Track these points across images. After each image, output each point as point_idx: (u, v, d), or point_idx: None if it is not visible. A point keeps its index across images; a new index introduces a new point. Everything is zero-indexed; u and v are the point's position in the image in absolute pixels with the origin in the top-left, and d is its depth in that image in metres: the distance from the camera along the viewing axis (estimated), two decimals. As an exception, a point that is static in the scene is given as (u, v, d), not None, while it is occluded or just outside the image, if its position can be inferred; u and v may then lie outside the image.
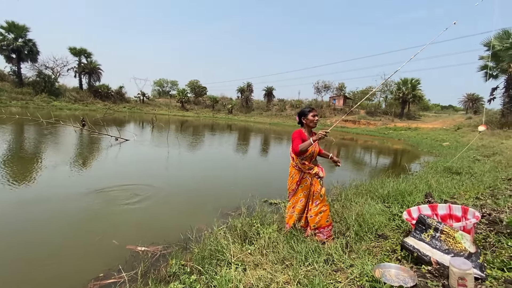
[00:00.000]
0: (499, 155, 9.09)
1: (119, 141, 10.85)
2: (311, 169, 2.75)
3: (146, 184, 5.48)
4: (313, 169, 2.75)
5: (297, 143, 2.65)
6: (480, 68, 20.52)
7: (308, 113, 2.80)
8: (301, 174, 2.77)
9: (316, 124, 2.82)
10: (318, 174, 2.75)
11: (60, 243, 3.03)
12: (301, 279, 1.92)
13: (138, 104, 42.10)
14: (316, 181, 2.75)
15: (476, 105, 35.23)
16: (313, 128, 2.85)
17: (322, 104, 40.62)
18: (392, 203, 3.82)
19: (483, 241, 2.38)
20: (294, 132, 2.79)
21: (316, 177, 2.75)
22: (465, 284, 1.66)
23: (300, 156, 2.72)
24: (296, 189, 2.80)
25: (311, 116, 2.78)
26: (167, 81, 67.53)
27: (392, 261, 2.19)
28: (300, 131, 2.80)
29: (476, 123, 21.95)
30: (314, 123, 2.80)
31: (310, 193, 2.77)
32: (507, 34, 17.86)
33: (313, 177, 2.75)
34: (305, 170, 2.74)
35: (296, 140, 2.68)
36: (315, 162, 2.85)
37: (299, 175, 2.77)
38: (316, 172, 2.75)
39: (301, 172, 2.76)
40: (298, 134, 2.74)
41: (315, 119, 2.78)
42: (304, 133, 2.79)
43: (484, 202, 3.60)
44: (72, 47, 36.56)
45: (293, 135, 2.75)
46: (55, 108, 28.64)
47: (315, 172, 2.74)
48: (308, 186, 2.75)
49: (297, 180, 2.78)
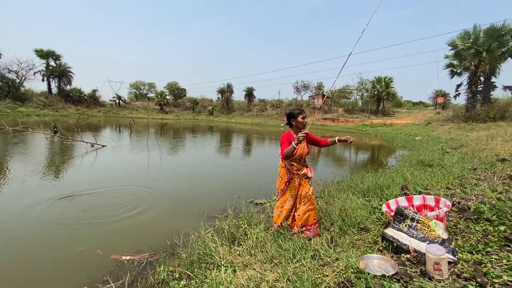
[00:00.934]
0: (465, 147, 9.79)
1: (95, 147, 10.39)
2: (300, 170, 2.82)
3: (127, 191, 5.31)
4: (302, 170, 2.83)
5: (284, 147, 2.73)
6: (445, 66, 21.95)
7: (298, 115, 2.86)
8: (290, 174, 2.83)
9: (305, 126, 2.90)
10: (306, 175, 2.84)
11: (37, 258, 2.87)
12: (290, 276, 1.98)
13: (114, 108, 40.49)
14: (305, 182, 2.83)
15: (444, 100, 37.54)
16: (302, 129, 2.93)
17: (302, 103, 41.38)
18: (372, 197, 4.00)
19: (454, 228, 2.58)
20: (282, 135, 2.84)
21: (305, 177, 2.83)
22: (440, 269, 1.80)
23: (288, 160, 2.79)
24: (285, 189, 2.86)
25: (301, 118, 2.85)
26: (144, 83, 65.57)
27: (374, 252, 2.31)
28: (289, 133, 2.87)
29: (444, 118, 23.44)
30: (303, 125, 2.89)
31: (298, 193, 2.84)
32: (468, 35, 19.26)
33: (302, 178, 2.83)
34: (294, 171, 2.81)
35: (284, 144, 2.76)
36: (304, 163, 2.93)
37: (288, 175, 2.84)
38: (304, 173, 2.83)
39: (290, 173, 2.83)
40: (286, 137, 2.80)
41: (304, 121, 2.87)
42: (292, 135, 2.87)
43: (453, 192, 3.88)
44: (39, 49, 34.50)
45: (281, 139, 2.81)
46: (22, 114, 26.81)
47: (304, 173, 2.82)
48: (296, 187, 2.83)
49: (286, 180, 2.85)
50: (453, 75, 21.67)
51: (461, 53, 19.80)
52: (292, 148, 2.65)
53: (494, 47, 18.23)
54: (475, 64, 18.90)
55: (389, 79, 34.22)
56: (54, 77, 36.08)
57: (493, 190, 3.58)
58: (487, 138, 10.21)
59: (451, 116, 22.31)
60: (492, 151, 7.47)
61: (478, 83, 19.96)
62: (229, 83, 45.52)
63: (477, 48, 18.65)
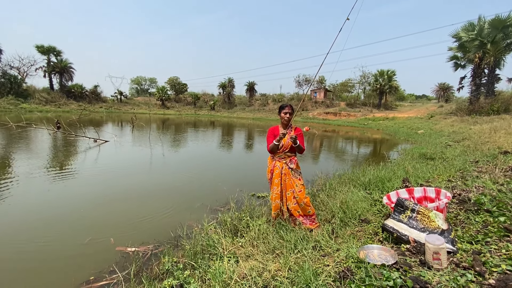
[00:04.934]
0: (467, 140, 9.74)
1: (98, 142, 10.47)
2: (282, 158, 2.94)
3: (130, 184, 5.38)
4: (284, 159, 2.94)
5: (269, 142, 2.94)
6: (449, 58, 21.65)
7: (281, 110, 2.98)
8: (273, 162, 2.98)
9: (287, 121, 2.95)
10: (288, 164, 2.93)
11: (44, 248, 2.93)
12: (291, 266, 2.02)
13: (116, 103, 40.52)
14: (287, 171, 2.92)
15: (447, 93, 37.18)
16: (286, 124, 2.98)
17: (303, 98, 41.15)
18: (373, 189, 4.03)
19: (454, 219, 2.60)
20: (268, 130, 3.01)
21: (286, 166, 2.92)
22: (439, 258, 1.83)
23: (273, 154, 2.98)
24: (271, 177, 2.98)
25: (283, 113, 2.95)
26: (145, 78, 65.49)
27: (375, 242, 2.35)
28: (275, 128, 3.02)
29: (447, 111, 23.26)
30: (285, 120, 2.94)
31: (282, 181, 2.92)
32: (472, 26, 18.94)
33: (284, 166, 2.92)
34: (275, 158, 2.97)
35: (269, 139, 2.96)
36: (290, 154, 2.98)
37: (272, 163, 2.99)
38: (285, 162, 2.93)
39: (273, 160, 2.99)
40: (271, 131, 2.99)
41: (286, 116, 2.93)
42: (279, 128, 3.00)
43: (455, 184, 3.89)
44: (40, 45, 34.34)
45: (267, 133, 3.00)
46: (24, 110, 26.91)
47: (285, 162, 2.93)
48: (279, 175, 2.92)
49: (271, 168, 2.98)
50: (457, 67, 21.39)
51: (465, 45, 19.51)
52: (274, 145, 2.85)
53: (499, 39, 17.92)
54: (479, 56, 18.63)
55: (392, 72, 33.86)
56: (55, 73, 36.04)
57: (494, 182, 3.58)
58: (490, 131, 10.14)
59: (454, 109, 22.11)
60: (494, 144, 7.43)
61: (482, 75, 19.71)
62: (230, 78, 45.30)
63: (482, 39, 18.35)
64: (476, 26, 18.67)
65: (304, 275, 1.79)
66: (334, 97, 42.19)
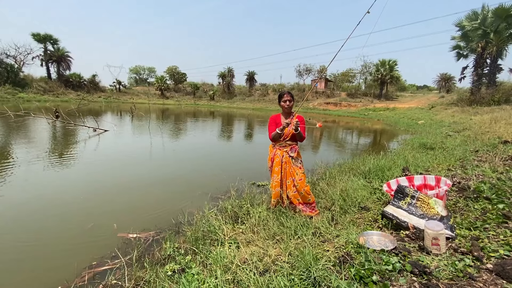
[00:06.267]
0: (468, 130, 9.73)
1: (98, 132, 10.43)
2: (282, 146, 2.94)
3: (131, 173, 5.40)
4: (285, 147, 2.93)
5: (271, 130, 2.92)
6: (452, 48, 21.36)
7: (280, 99, 2.94)
8: (274, 150, 2.98)
9: (288, 108, 2.92)
10: (288, 153, 2.92)
11: (46, 234, 2.96)
12: (292, 251, 2.05)
13: (115, 93, 40.23)
14: (288, 159, 2.91)
15: (449, 84, 36.87)
16: (288, 112, 2.94)
17: (304, 87, 40.82)
18: (373, 178, 4.05)
19: (454, 206, 2.63)
20: (270, 117, 2.98)
21: (287, 154, 2.92)
22: (438, 243, 1.85)
23: (274, 143, 2.97)
24: (272, 166, 2.99)
25: (282, 102, 2.91)
26: (143, 68, 64.87)
27: (374, 229, 2.37)
28: (277, 116, 2.98)
29: (448, 102, 23.14)
30: (286, 107, 2.90)
31: (283, 169, 2.92)
32: (475, 15, 18.60)
33: (284, 155, 2.92)
34: (276, 146, 2.97)
35: (271, 127, 2.93)
36: (291, 142, 2.97)
37: (273, 151, 2.98)
38: (286, 150, 2.93)
39: (274, 148, 2.98)
40: (273, 120, 2.95)
41: (286, 104, 2.89)
42: (280, 117, 2.96)
43: (454, 173, 3.91)
44: (36, 33, 33.78)
45: (269, 121, 2.97)
46: (22, 100, 26.71)
47: (285, 150, 2.93)
48: (279, 163, 2.92)
49: (271, 157, 2.98)
50: (459, 57, 21.13)
51: (468, 34, 19.21)
52: (276, 134, 2.83)
53: (502, 28, 17.64)
54: (482, 46, 18.38)
55: (393, 62, 33.45)
56: (52, 62, 35.57)
57: (493, 170, 3.60)
58: (491, 121, 10.11)
59: (455, 100, 22.00)
60: (495, 134, 7.43)
61: (484, 65, 19.51)
62: (230, 67, 44.80)
63: (485, 29, 18.06)
64: (479, 15, 18.34)
65: (304, 259, 1.81)
66: (335, 87, 41.84)
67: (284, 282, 1.65)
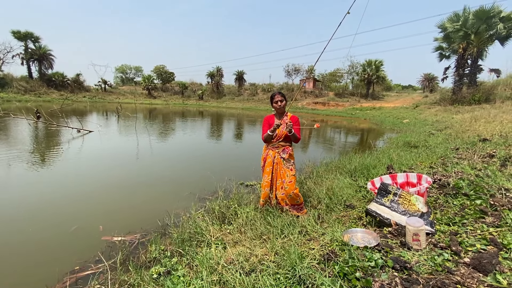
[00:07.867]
0: (449, 128, 10.08)
1: (82, 132, 10.14)
2: (275, 147, 2.96)
3: (116, 174, 5.28)
4: (278, 148, 2.95)
5: (264, 131, 2.93)
6: (435, 49, 22.03)
7: (272, 100, 2.96)
8: (266, 150, 3.01)
9: (281, 109, 2.94)
10: (280, 154, 2.94)
11: (28, 239, 2.86)
12: (278, 250, 2.06)
13: (100, 93, 39.18)
14: (279, 160, 2.93)
15: (432, 84, 38.03)
16: (281, 113, 2.96)
17: (293, 87, 41.11)
18: (359, 176, 4.13)
19: (434, 202, 2.71)
20: (264, 118, 3.00)
21: (279, 156, 2.94)
22: (418, 239, 1.91)
23: (267, 143, 2.99)
24: (263, 165, 3.01)
25: (274, 103, 2.94)
26: (130, 67, 63.44)
27: (359, 226, 2.42)
28: (270, 117, 3.00)
29: (431, 101, 23.86)
30: (278, 108, 2.92)
31: (274, 170, 2.94)
32: (457, 17, 19.24)
33: (276, 156, 2.94)
34: (269, 146, 2.99)
35: (264, 128, 2.95)
36: (284, 143, 2.98)
37: (265, 152, 3.02)
38: (278, 151, 2.95)
39: (267, 148, 3.01)
40: (267, 120, 2.97)
41: (277, 105, 2.92)
42: (273, 117, 2.98)
43: (436, 170, 4.03)
44: (16, 30, 32.42)
45: (263, 122, 2.99)
46: (2, 100, 25.58)
47: (278, 151, 2.95)
48: (270, 163, 2.94)
49: (264, 156, 3.01)
50: (442, 58, 21.82)
51: (450, 36, 19.85)
52: (268, 135, 2.86)
53: (482, 30, 18.33)
54: (463, 47, 19.04)
55: (379, 62, 34.22)
56: (34, 61, 34.24)
57: (472, 167, 3.74)
58: (471, 120, 10.51)
59: (438, 99, 22.71)
60: (475, 132, 7.72)
61: (465, 66, 20.22)
62: (219, 67, 44.53)
63: (466, 30, 18.72)
64: (461, 17, 18.98)
65: (290, 258, 1.83)
66: (323, 87, 42.36)
67: (270, 282, 1.66)
